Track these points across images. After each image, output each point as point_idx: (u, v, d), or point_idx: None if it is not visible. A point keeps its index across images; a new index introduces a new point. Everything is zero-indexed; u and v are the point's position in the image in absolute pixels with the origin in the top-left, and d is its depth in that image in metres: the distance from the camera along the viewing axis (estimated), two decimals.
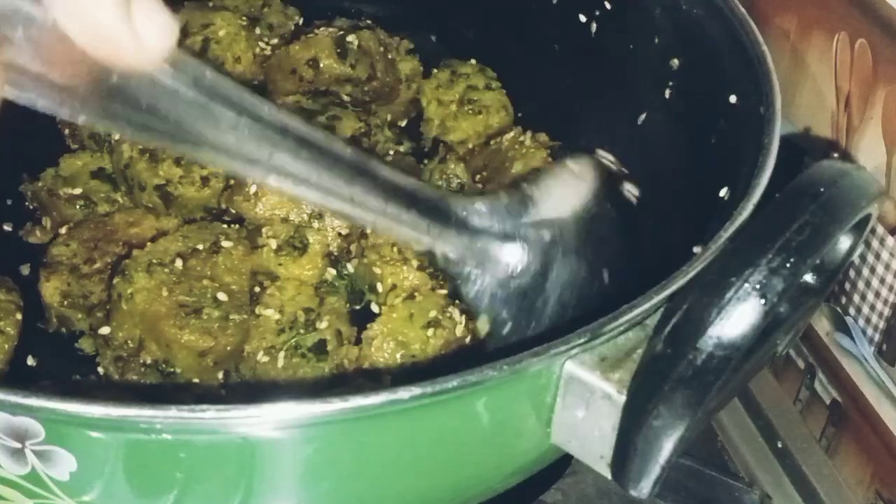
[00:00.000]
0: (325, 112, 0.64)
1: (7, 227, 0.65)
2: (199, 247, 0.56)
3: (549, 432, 0.45)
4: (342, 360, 0.55)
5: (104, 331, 0.54)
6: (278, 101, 0.67)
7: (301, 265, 0.58)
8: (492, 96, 0.73)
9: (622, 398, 0.42)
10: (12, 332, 0.56)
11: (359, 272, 0.60)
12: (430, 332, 0.55)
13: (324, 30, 0.71)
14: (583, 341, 0.42)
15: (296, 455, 0.42)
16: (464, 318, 0.56)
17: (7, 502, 0.43)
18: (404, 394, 0.38)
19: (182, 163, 0.62)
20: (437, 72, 0.75)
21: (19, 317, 0.57)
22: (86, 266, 0.58)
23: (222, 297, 0.54)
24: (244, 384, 0.55)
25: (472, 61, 0.75)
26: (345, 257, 0.60)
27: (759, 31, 0.57)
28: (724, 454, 0.71)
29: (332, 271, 0.59)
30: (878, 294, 0.58)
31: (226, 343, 0.53)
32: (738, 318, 0.40)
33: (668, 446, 0.41)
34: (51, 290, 0.58)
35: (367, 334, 0.56)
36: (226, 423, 0.39)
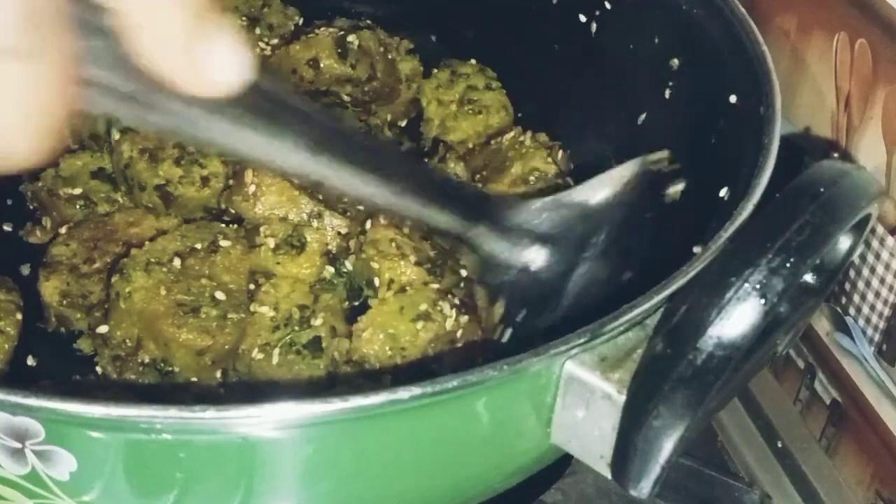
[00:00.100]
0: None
1: (7, 227, 0.65)
2: (198, 246, 0.56)
3: (549, 432, 0.45)
4: (332, 353, 0.55)
5: (102, 329, 0.55)
6: None
7: (299, 264, 0.58)
8: (492, 96, 0.73)
9: (622, 398, 0.42)
10: (12, 332, 0.56)
11: (356, 268, 0.60)
12: (420, 326, 0.55)
13: (324, 30, 0.71)
14: (583, 341, 0.42)
15: (296, 455, 0.42)
16: (454, 313, 0.56)
17: (7, 502, 0.43)
18: (404, 394, 0.38)
19: (182, 163, 0.62)
20: (437, 72, 0.75)
21: (19, 317, 0.57)
22: (85, 266, 0.59)
23: (220, 296, 0.55)
24: (243, 383, 0.55)
25: (472, 61, 0.75)
26: (343, 255, 0.60)
27: (759, 31, 0.57)
28: (724, 454, 0.71)
29: (331, 269, 0.59)
30: (878, 294, 0.58)
31: (224, 342, 0.53)
32: (738, 318, 0.40)
33: (668, 446, 0.41)
34: (50, 289, 0.58)
35: (357, 327, 0.56)
36: (225, 423, 0.39)
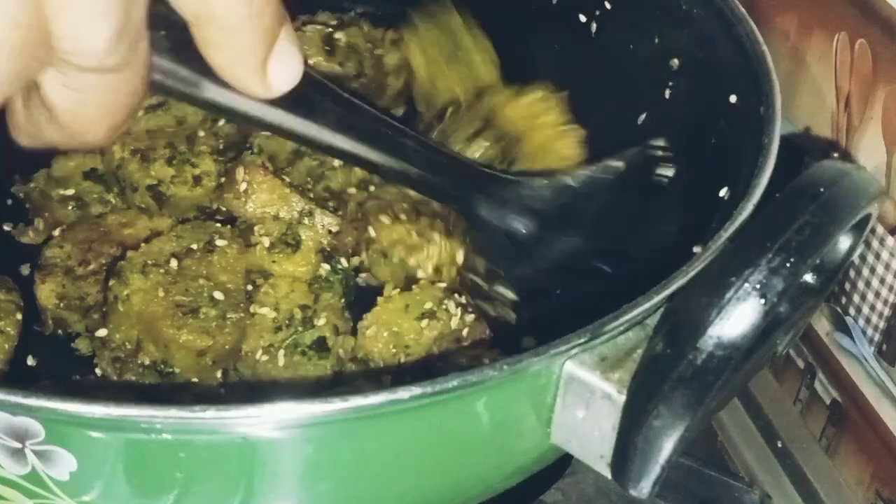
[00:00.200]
0: None
1: (7, 227, 0.65)
2: (194, 246, 0.56)
3: (549, 432, 0.45)
4: (338, 351, 0.55)
5: (101, 333, 0.54)
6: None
7: (295, 262, 0.58)
8: (478, 46, 0.72)
9: (622, 398, 0.42)
10: (12, 332, 0.56)
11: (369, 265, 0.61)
12: (425, 324, 0.55)
13: (311, 27, 0.71)
14: (583, 341, 0.42)
15: (296, 455, 0.42)
16: (460, 311, 0.56)
17: (7, 502, 0.43)
18: (404, 394, 0.38)
19: (174, 163, 0.62)
20: (422, 27, 0.74)
21: (19, 317, 0.57)
22: (80, 268, 0.58)
23: (219, 295, 0.55)
24: (243, 383, 0.55)
25: (457, 17, 0.74)
26: (338, 252, 0.60)
27: (759, 31, 0.57)
28: (724, 454, 0.71)
29: (326, 266, 0.59)
30: (878, 294, 0.58)
31: (224, 342, 0.53)
32: (738, 318, 0.40)
33: (668, 446, 0.41)
34: (46, 292, 0.57)
35: (362, 324, 0.56)
36: (226, 423, 0.39)
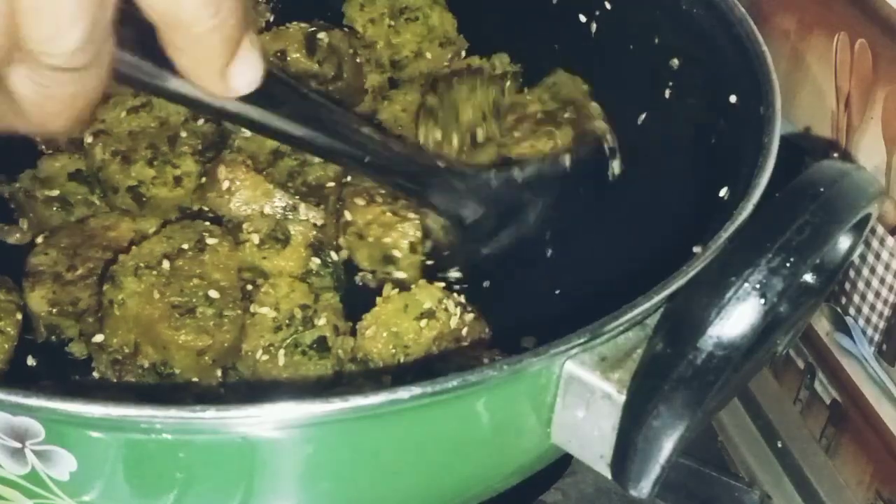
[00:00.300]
0: None
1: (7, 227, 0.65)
2: (185, 246, 0.56)
3: (549, 432, 0.45)
4: (337, 351, 0.55)
5: (98, 339, 0.54)
6: None
7: (285, 257, 0.58)
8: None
9: (622, 398, 0.42)
10: (12, 332, 0.56)
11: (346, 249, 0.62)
12: (424, 324, 0.55)
13: (296, 24, 0.71)
14: (583, 341, 0.42)
15: (296, 455, 0.42)
16: (459, 311, 0.56)
17: (7, 502, 0.43)
18: (404, 394, 0.39)
19: (154, 164, 0.61)
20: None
21: (19, 317, 0.57)
22: (69, 273, 0.58)
23: (214, 294, 0.54)
24: (243, 383, 0.55)
25: None
26: (328, 246, 0.60)
27: (759, 31, 0.57)
28: (724, 454, 0.71)
29: (317, 260, 0.59)
30: (878, 294, 0.58)
31: (222, 340, 0.53)
32: (738, 318, 0.40)
33: (668, 446, 0.41)
34: (37, 299, 0.57)
35: (361, 325, 0.56)
36: (226, 423, 0.39)
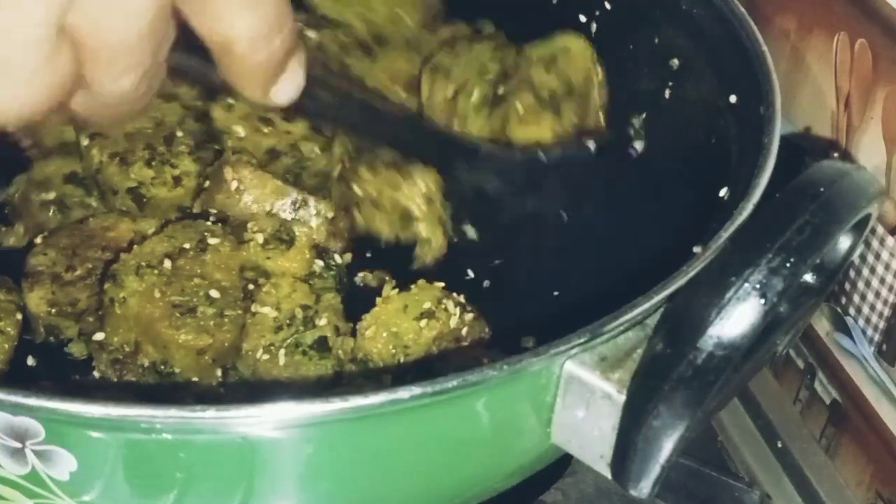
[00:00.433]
0: None
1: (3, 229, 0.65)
2: (186, 246, 0.56)
3: (549, 432, 0.45)
4: (337, 352, 0.56)
5: (98, 337, 0.54)
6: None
7: (289, 258, 0.58)
8: None
9: (622, 398, 0.42)
10: (12, 332, 0.56)
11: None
12: (424, 324, 0.55)
13: None
14: (583, 341, 0.42)
15: (296, 455, 0.42)
16: (458, 311, 0.56)
17: (7, 502, 0.43)
18: (404, 394, 0.39)
19: (153, 164, 0.61)
20: None
21: (19, 317, 0.57)
22: (67, 273, 0.58)
23: (215, 294, 0.54)
24: (243, 383, 0.55)
25: None
26: (336, 239, 0.60)
27: (759, 31, 0.57)
28: (724, 454, 0.71)
29: (320, 262, 0.59)
30: (878, 294, 0.58)
31: (223, 339, 0.53)
32: (738, 318, 0.40)
33: (668, 446, 0.41)
34: (36, 300, 0.57)
35: (361, 325, 0.56)
36: (226, 423, 0.39)
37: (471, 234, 0.64)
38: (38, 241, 0.60)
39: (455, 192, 0.63)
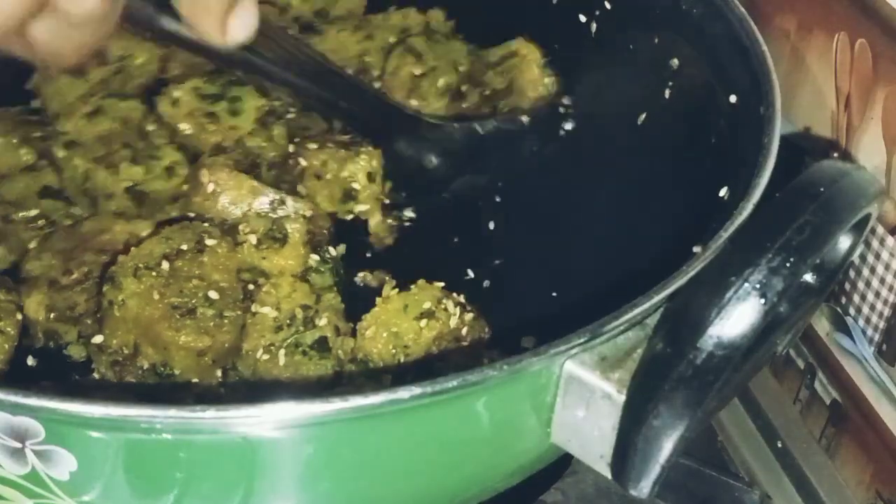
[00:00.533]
0: (225, 95, 0.64)
1: None
2: (184, 247, 0.56)
3: (549, 432, 0.45)
4: (338, 352, 0.56)
5: (97, 339, 0.54)
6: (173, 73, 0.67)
7: (284, 255, 0.58)
8: None
9: (622, 398, 0.42)
10: (12, 332, 0.56)
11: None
12: (423, 324, 0.55)
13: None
14: (583, 341, 0.42)
15: (296, 455, 0.42)
16: (458, 310, 0.56)
17: (7, 502, 0.43)
18: (404, 393, 0.39)
19: (138, 161, 0.61)
20: None
21: (19, 317, 0.56)
22: (64, 278, 0.57)
23: (214, 295, 0.54)
24: (243, 383, 0.55)
25: None
26: (316, 237, 0.60)
27: (759, 31, 0.57)
28: (724, 454, 0.71)
29: (316, 257, 0.59)
30: (878, 294, 0.58)
31: (223, 340, 0.53)
32: (738, 318, 0.40)
33: (668, 446, 0.41)
34: (34, 305, 0.56)
35: (361, 325, 0.56)
36: (226, 423, 0.39)
37: (407, 215, 0.65)
38: (32, 245, 0.59)
39: (397, 169, 0.64)
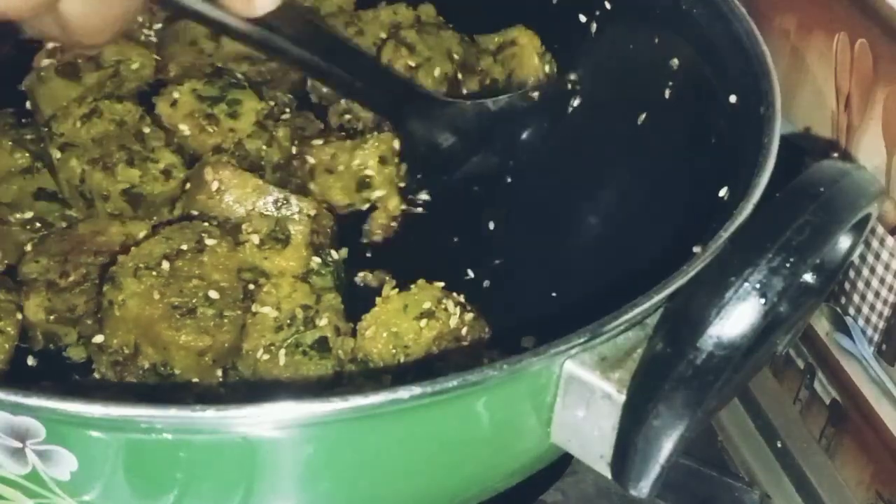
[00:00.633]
0: (224, 97, 0.64)
1: None
2: (184, 247, 0.56)
3: (549, 432, 0.45)
4: (338, 352, 0.56)
5: (98, 340, 0.54)
6: (171, 72, 0.67)
7: (286, 257, 0.58)
8: None
9: (622, 398, 0.42)
10: (12, 332, 0.56)
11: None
12: (424, 324, 0.55)
13: None
14: (583, 341, 0.42)
15: (296, 455, 0.42)
16: (458, 310, 0.56)
17: (7, 502, 0.43)
18: (404, 393, 0.39)
19: (135, 163, 0.61)
20: None
21: (19, 317, 0.56)
22: (62, 280, 0.57)
23: (214, 294, 0.54)
24: (243, 383, 0.55)
25: None
26: (319, 236, 0.60)
27: (759, 31, 0.57)
28: (724, 454, 0.71)
29: (317, 259, 0.59)
30: (878, 294, 0.58)
31: (223, 340, 0.53)
32: (738, 318, 0.40)
33: (668, 446, 0.41)
34: (33, 307, 0.56)
35: (360, 325, 0.56)
36: (226, 423, 0.39)
37: (422, 198, 0.66)
38: (28, 248, 0.59)
39: (411, 150, 0.64)
